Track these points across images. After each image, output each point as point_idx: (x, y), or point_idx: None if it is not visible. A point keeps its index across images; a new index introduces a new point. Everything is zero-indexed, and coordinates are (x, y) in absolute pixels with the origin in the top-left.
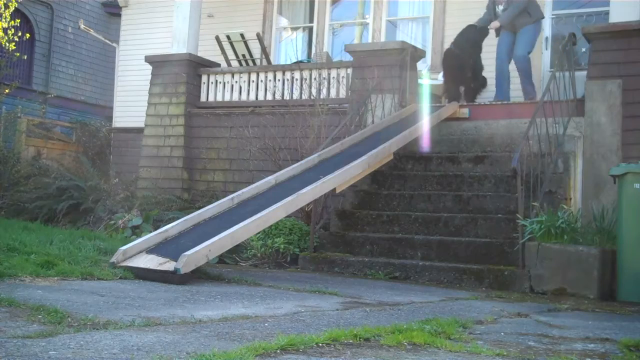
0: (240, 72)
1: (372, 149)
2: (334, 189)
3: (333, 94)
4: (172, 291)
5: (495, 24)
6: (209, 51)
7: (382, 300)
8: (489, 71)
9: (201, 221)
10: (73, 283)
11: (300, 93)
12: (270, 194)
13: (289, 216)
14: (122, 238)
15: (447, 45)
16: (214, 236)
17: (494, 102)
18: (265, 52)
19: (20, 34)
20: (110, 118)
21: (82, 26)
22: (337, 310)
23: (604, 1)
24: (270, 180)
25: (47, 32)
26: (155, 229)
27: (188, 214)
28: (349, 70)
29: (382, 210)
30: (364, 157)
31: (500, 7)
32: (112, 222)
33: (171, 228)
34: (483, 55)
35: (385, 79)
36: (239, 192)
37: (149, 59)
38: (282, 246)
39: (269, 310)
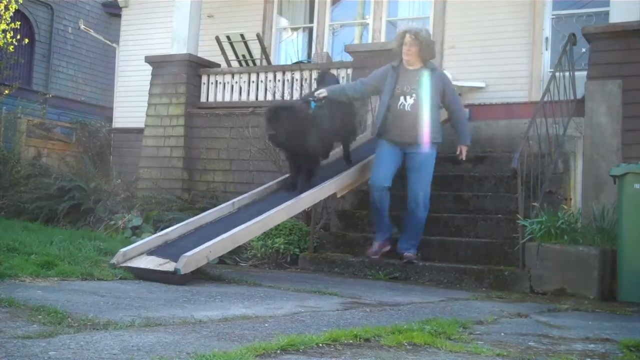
0: (241, 73)
1: (372, 153)
2: (334, 194)
3: None
4: (172, 291)
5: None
6: (209, 51)
7: (382, 300)
8: None
9: (202, 224)
10: (73, 283)
11: (301, 93)
12: (271, 198)
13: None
14: (122, 239)
15: (447, 45)
16: (215, 238)
17: (493, 103)
18: (265, 52)
19: (19, 36)
20: (110, 118)
21: (82, 26)
22: (338, 310)
23: (604, 1)
24: (272, 185)
25: (47, 32)
26: (156, 230)
27: (188, 214)
28: (349, 71)
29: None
30: (364, 162)
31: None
32: (112, 222)
33: (172, 231)
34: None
35: None
36: (240, 197)
37: (149, 59)
38: (282, 247)
39: (269, 311)
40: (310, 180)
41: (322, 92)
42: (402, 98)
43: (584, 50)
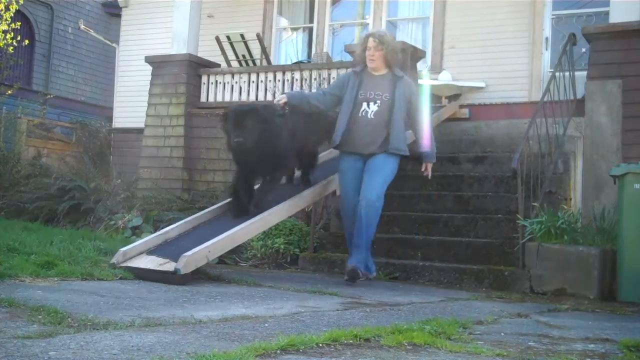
0: (241, 73)
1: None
2: (334, 191)
3: None
4: (172, 291)
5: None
6: (209, 51)
7: (382, 300)
8: None
9: (201, 223)
10: (73, 283)
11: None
12: (271, 197)
13: (289, 217)
14: (122, 239)
15: (447, 45)
16: (214, 238)
17: (493, 103)
18: (265, 52)
19: (19, 37)
20: (110, 118)
21: (82, 26)
22: (337, 310)
23: (604, 1)
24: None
25: (47, 32)
26: (155, 230)
27: (188, 214)
28: (349, 71)
29: (382, 211)
30: None
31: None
32: (112, 222)
33: (171, 230)
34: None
35: None
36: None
37: (149, 59)
38: (282, 247)
39: (269, 311)
40: (266, 195)
41: (282, 98)
42: (364, 105)
43: (584, 50)
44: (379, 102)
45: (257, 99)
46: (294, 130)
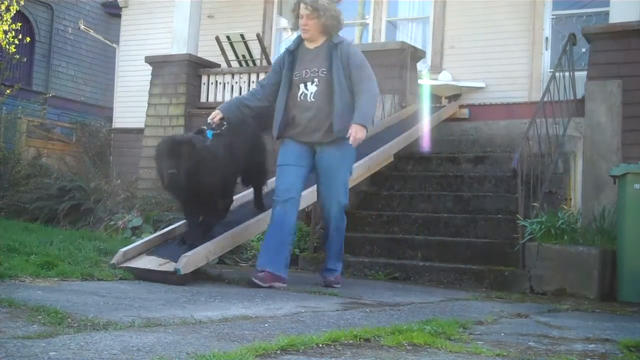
0: (241, 73)
1: (372, 151)
2: None
3: None
4: (172, 292)
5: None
6: (209, 52)
7: (382, 300)
8: None
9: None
10: (73, 284)
11: None
12: (270, 197)
13: None
14: (122, 239)
15: (447, 45)
16: (214, 237)
17: (493, 103)
18: (265, 52)
19: (20, 36)
20: (110, 118)
21: (82, 27)
22: (337, 310)
23: (604, 1)
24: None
25: (47, 32)
26: (155, 230)
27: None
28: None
29: (382, 211)
30: (364, 159)
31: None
32: (112, 222)
33: (171, 230)
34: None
35: (385, 80)
36: (240, 194)
37: (149, 60)
38: None
39: (269, 311)
40: (209, 229)
41: (216, 114)
42: (302, 86)
43: (584, 50)
44: (316, 80)
45: None
46: (232, 147)
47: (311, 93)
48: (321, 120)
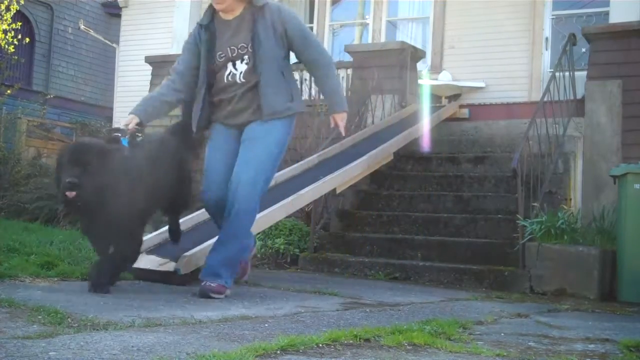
0: None
1: (372, 150)
2: (334, 190)
3: None
4: (172, 292)
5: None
6: None
7: (382, 300)
8: None
9: (201, 222)
10: (73, 284)
11: (300, 93)
12: (270, 195)
13: (288, 216)
14: None
15: (447, 45)
16: (214, 237)
17: (493, 103)
18: None
19: (20, 36)
20: (110, 119)
21: (82, 27)
22: (337, 310)
23: (604, 1)
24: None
25: (47, 32)
26: (155, 229)
27: (188, 214)
28: (349, 71)
29: (382, 211)
30: (364, 157)
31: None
32: None
33: None
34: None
35: (385, 80)
36: None
37: (149, 60)
38: (282, 247)
39: (269, 311)
40: (122, 265)
41: (131, 119)
42: (230, 66)
43: (584, 50)
44: (246, 57)
45: None
46: (155, 163)
47: (241, 72)
48: (249, 100)
